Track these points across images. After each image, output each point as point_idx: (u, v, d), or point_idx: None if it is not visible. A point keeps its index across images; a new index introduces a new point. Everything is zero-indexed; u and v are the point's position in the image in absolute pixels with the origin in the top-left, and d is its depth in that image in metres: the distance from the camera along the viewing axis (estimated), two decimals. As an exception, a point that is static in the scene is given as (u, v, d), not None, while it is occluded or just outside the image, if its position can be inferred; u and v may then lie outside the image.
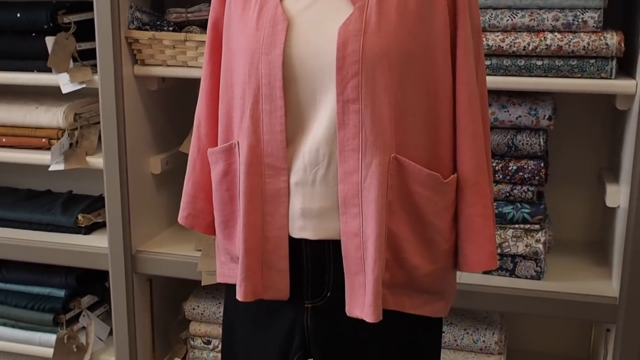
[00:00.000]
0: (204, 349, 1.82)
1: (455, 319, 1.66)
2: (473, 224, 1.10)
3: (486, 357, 1.63)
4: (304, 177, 1.07)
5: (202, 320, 1.81)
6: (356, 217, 1.05)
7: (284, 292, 1.11)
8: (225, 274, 1.22)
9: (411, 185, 1.05)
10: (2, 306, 1.93)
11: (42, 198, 2.04)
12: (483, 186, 1.09)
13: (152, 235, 1.83)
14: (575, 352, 1.90)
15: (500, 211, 1.57)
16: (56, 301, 1.90)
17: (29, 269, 1.92)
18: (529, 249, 1.56)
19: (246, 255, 1.09)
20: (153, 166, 1.80)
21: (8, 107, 1.86)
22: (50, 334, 1.90)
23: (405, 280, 1.10)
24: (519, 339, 1.92)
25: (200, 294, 1.83)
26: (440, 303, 1.16)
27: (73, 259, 1.80)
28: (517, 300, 1.53)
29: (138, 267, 1.74)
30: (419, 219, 1.07)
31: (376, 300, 1.04)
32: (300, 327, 1.14)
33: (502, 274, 1.59)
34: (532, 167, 1.55)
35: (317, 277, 1.11)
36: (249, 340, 1.21)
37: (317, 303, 1.13)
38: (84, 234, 1.87)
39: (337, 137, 1.03)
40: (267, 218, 1.09)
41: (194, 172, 1.24)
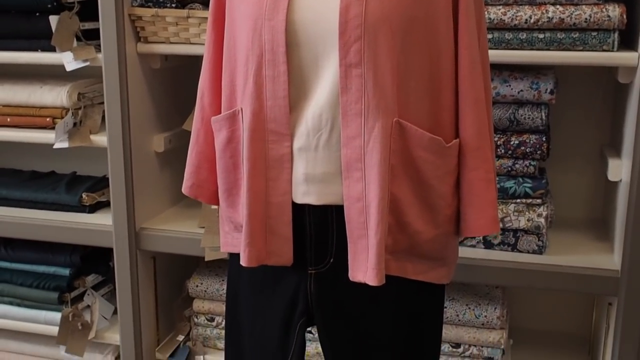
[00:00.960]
0: (208, 326, 1.83)
1: (457, 294, 1.67)
2: (475, 188, 1.10)
3: (488, 332, 1.64)
4: (307, 142, 1.08)
5: (205, 298, 1.82)
6: (359, 181, 1.06)
7: (288, 258, 1.12)
8: (229, 243, 1.23)
9: (414, 149, 1.06)
10: (7, 285, 1.94)
11: (46, 179, 2.05)
12: (485, 151, 1.10)
13: (155, 213, 1.84)
14: (577, 329, 1.91)
15: (502, 186, 1.58)
16: (61, 280, 1.91)
17: (34, 248, 1.93)
18: (531, 223, 1.57)
19: (250, 221, 1.10)
20: (156, 144, 1.81)
21: (12, 87, 1.87)
22: (55, 312, 1.91)
23: (407, 246, 1.11)
24: (521, 316, 1.93)
25: (203, 272, 1.84)
26: (442, 269, 1.17)
27: (78, 237, 1.81)
28: (519, 274, 1.53)
29: (142, 244, 1.75)
30: (421, 183, 1.08)
31: (379, 263, 1.05)
32: (304, 293, 1.15)
33: (504, 248, 1.59)
34: (534, 141, 1.55)
35: (320, 243, 1.12)
36: (253, 308, 1.22)
37: (321, 269, 1.14)
38: (88, 212, 1.88)
39: (340, 101, 1.04)
40: (270, 183, 1.10)
41: (197, 142, 1.25)
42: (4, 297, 1.96)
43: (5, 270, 1.96)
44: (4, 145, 2.21)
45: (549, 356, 1.80)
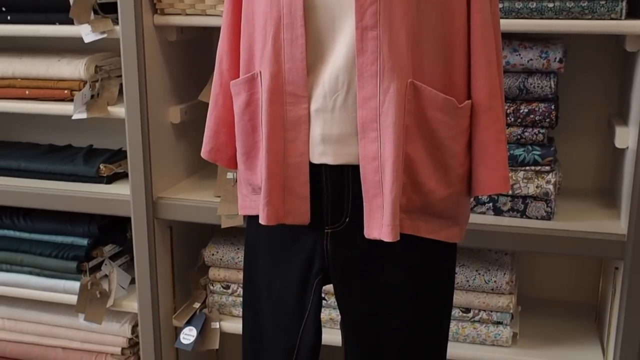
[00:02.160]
0: (223, 293, 1.87)
1: (467, 260, 1.71)
2: (487, 148, 1.14)
3: (497, 296, 1.68)
4: (324, 104, 1.11)
5: (221, 266, 1.86)
6: (374, 141, 1.09)
7: (305, 217, 1.16)
8: (247, 206, 1.28)
9: (427, 110, 1.10)
10: (27, 255, 1.99)
11: (63, 151, 2.09)
12: (497, 112, 1.14)
13: (172, 183, 1.88)
14: (585, 297, 1.94)
15: (511, 153, 1.61)
16: (79, 249, 1.95)
17: (52, 219, 1.98)
18: (540, 190, 1.60)
19: (268, 181, 1.14)
20: (172, 116, 1.85)
21: (30, 60, 1.91)
22: (74, 281, 1.96)
23: (421, 205, 1.15)
24: (529, 285, 1.96)
25: (219, 241, 1.88)
26: (454, 229, 1.21)
27: (96, 206, 1.85)
28: (528, 239, 1.57)
29: (159, 213, 1.80)
30: (434, 143, 1.12)
31: (394, 220, 1.09)
32: (320, 252, 1.19)
33: (514, 214, 1.63)
34: (542, 109, 1.59)
35: (337, 203, 1.16)
36: (271, 268, 1.26)
37: (337, 228, 1.18)
38: (106, 183, 1.92)
39: (356, 63, 1.08)
40: (288, 145, 1.14)
41: (216, 107, 1.28)
42: (24, 267, 2.00)
43: (24, 241, 2.01)
44: (21, 118, 2.26)
45: (556, 323, 1.83)
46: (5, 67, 1.91)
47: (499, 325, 1.69)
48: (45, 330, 2.09)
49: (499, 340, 1.69)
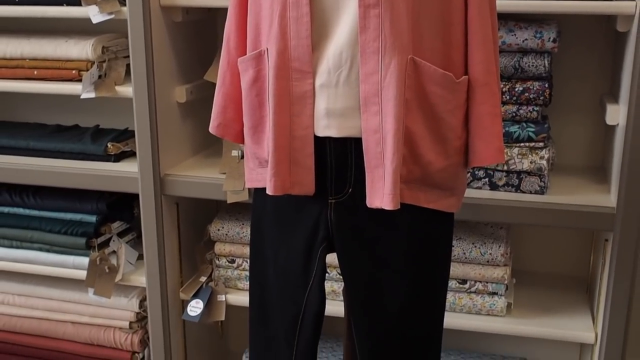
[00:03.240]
0: (229, 267, 1.94)
1: (464, 234, 1.78)
2: (482, 121, 1.20)
3: (492, 268, 1.75)
4: (328, 79, 1.17)
5: (226, 241, 1.92)
6: (376, 114, 1.15)
7: (310, 187, 1.23)
8: (254, 179, 1.33)
9: (426, 84, 1.16)
10: (37, 232, 2.05)
11: (71, 131, 2.15)
12: (492, 87, 1.20)
13: (178, 161, 1.94)
14: (576, 270, 2.02)
15: (507, 130, 1.67)
16: (88, 226, 2.01)
17: (61, 196, 2.03)
18: (534, 165, 1.67)
19: (275, 153, 1.20)
20: (178, 95, 1.90)
21: (39, 41, 1.96)
22: (83, 257, 2.01)
23: (420, 176, 1.21)
24: (523, 258, 2.04)
25: (224, 216, 1.94)
26: (452, 199, 1.27)
27: (105, 184, 1.91)
28: (522, 212, 1.64)
29: (166, 189, 1.85)
30: (433, 116, 1.18)
31: (394, 189, 1.15)
32: (324, 221, 1.25)
33: (508, 189, 1.70)
34: (537, 87, 1.65)
35: (340, 174, 1.22)
36: (277, 238, 1.32)
37: (340, 198, 1.24)
38: (114, 161, 1.98)
39: (359, 40, 1.13)
40: (294, 118, 1.20)
41: (224, 84, 1.34)
42: (34, 244, 2.06)
43: (34, 218, 2.07)
44: (29, 98, 2.31)
45: (549, 294, 1.90)
46: (14, 47, 1.96)
47: (494, 296, 1.76)
48: (55, 306, 2.15)
49: (494, 310, 1.76)
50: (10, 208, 2.08)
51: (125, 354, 2.11)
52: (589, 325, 1.75)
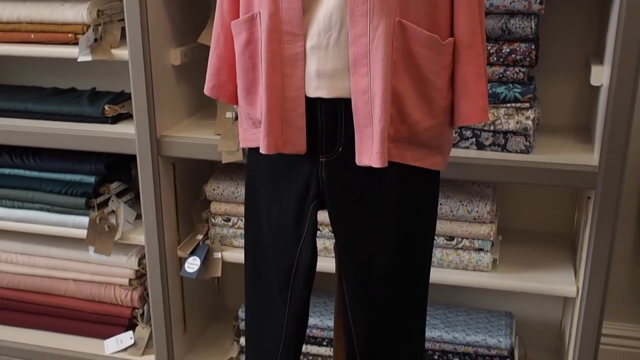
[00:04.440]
0: (224, 226, 2.00)
1: (451, 192, 1.83)
2: (467, 82, 1.25)
3: (479, 225, 1.81)
4: (319, 41, 1.22)
5: (221, 200, 1.98)
6: (365, 76, 1.20)
7: (302, 146, 1.28)
8: (248, 139, 1.38)
9: (413, 46, 1.20)
10: (38, 192, 2.10)
11: (68, 94, 2.18)
12: (477, 48, 1.24)
13: (174, 123, 1.98)
14: (561, 228, 2.08)
15: (493, 91, 1.72)
16: (87, 186, 2.06)
17: (60, 158, 2.08)
18: (520, 125, 1.72)
19: (268, 113, 1.25)
20: (173, 58, 1.94)
21: (35, 5, 1.98)
22: (83, 216, 2.07)
23: (407, 135, 1.26)
24: (509, 216, 2.10)
25: (219, 177, 1.99)
26: (438, 157, 1.33)
27: (103, 145, 1.95)
28: (508, 171, 1.69)
29: (162, 151, 1.90)
30: (419, 77, 1.22)
31: (382, 147, 1.21)
32: (316, 179, 1.31)
33: (495, 149, 1.75)
34: (523, 49, 1.69)
35: (330, 133, 1.27)
36: (270, 195, 1.37)
37: (330, 157, 1.29)
38: (111, 123, 2.02)
39: (348, 3, 1.17)
40: (285, 80, 1.24)
41: (217, 47, 1.38)
42: (35, 204, 2.11)
43: (34, 179, 2.12)
44: (25, 61, 2.34)
45: (533, 250, 1.97)
46: (10, 11, 1.99)
47: (480, 252, 1.83)
48: (56, 264, 2.21)
49: (480, 265, 1.83)
50: (11, 169, 2.13)
51: (126, 309, 2.18)
52: (571, 280, 1.82)
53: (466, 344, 1.92)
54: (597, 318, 1.73)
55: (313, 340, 2.01)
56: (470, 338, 1.91)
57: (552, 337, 2.19)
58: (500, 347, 1.90)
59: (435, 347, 1.94)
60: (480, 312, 2.04)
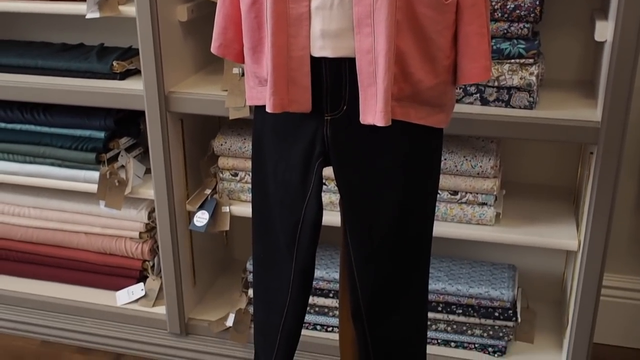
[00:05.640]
0: (232, 180, 2.03)
1: (455, 147, 1.86)
2: (470, 41, 1.26)
3: (482, 180, 1.84)
4: (323, 2, 1.23)
5: (229, 155, 2.01)
6: (369, 35, 1.22)
7: (307, 105, 1.30)
8: (254, 97, 1.41)
9: (416, 6, 1.21)
10: (48, 147, 2.13)
11: (76, 50, 2.20)
12: (480, 8, 1.25)
13: (181, 79, 2.00)
14: (564, 182, 2.11)
15: (498, 47, 1.73)
16: (97, 142, 2.10)
17: (70, 114, 2.11)
18: (523, 81, 1.73)
19: (274, 72, 1.27)
20: (180, 14, 1.94)
21: (42, -39, 1.99)
22: (93, 171, 2.11)
23: (410, 93, 1.28)
24: (513, 171, 2.13)
25: (226, 132, 2.02)
26: (441, 115, 1.35)
27: (112, 101, 1.98)
28: (511, 127, 1.71)
29: (171, 107, 1.93)
30: (423, 37, 1.24)
31: (386, 107, 1.23)
32: (321, 137, 1.33)
33: (499, 104, 1.76)
34: (528, 4, 1.69)
35: (335, 92, 1.29)
36: (276, 152, 1.41)
37: (335, 115, 1.32)
38: (119, 79, 2.04)
39: (352, -37, 1.19)
40: (291, 39, 1.26)
41: (224, 5, 1.39)
42: (46, 159, 2.15)
43: (45, 134, 2.15)
44: (35, 18, 2.35)
45: (536, 204, 2.00)
46: (18, -32, 2.00)
47: (483, 206, 1.86)
48: (68, 217, 2.26)
49: (484, 219, 1.86)
50: (22, 125, 2.16)
51: (136, 262, 2.24)
52: (573, 234, 1.85)
53: (469, 296, 1.97)
54: (598, 271, 1.77)
55: (319, 292, 2.07)
56: (474, 290, 1.96)
57: (554, 289, 2.23)
58: (503, 299, 1.95)
59: (439, 299, 1.99)
60: (484, 265, 2.09)
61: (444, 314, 2.00)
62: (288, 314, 1.49)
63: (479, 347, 2.01)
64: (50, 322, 2.30)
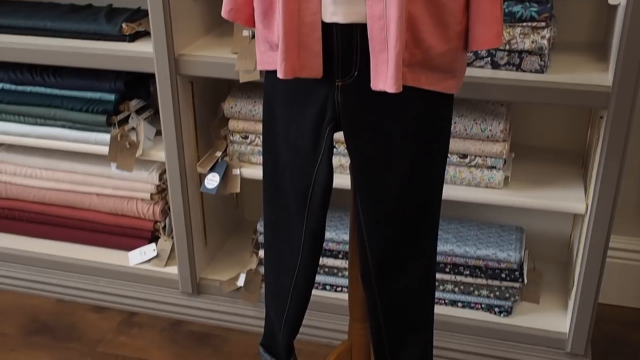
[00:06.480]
0: (242, 143, 2.04)
1: (465, 111, 1.86)
2: (482, 6, 1.26)
3: (492, 144, 1.84)
4: (335, -34, 1.22)
5: (239, 118, 2.01)
6: (380, 1, 1.21)
7: (318, 70, 1.30)
8: (265, 62, 1.41)
9: (428, -29, 1.21)
10: (59, 110, 2.14)
11: (85, 11, 2.19)
12: (492, -28, 1.25)
13: (191, 41, 2.00)
14: (574, 145, 2.11)
15: (510, 10, 1.71)
16: (107, 104, 2.10)
17: (80, 76, 2.12)
18: (535, 45, 1.72)
19: (285, 38, 1.27)
20: (189, -24, 1.94)
21: None
22: (104, 133, 2.12)
23: (422, 59, 1.28)
24: (523, 134, 2.13)
25: (236, 94, 2.03)
26: (452, 81, 1.35)
27: (122, 64, 1.98)
28: (522, 91, 1.71)
29: (181, 69, 1.93)
30: (435, 2, 1.23)
31: (397, 73, 1.23)
32: (332, 102, 1.34)
33: (510, 68, 1.76)
34: (541, -33, 1.68)
35: (346, 58, 1.29)
36: (287, 117, 1.41)
37: (346, 81, 1.32)
38: (129, 41, 2.04)
39: None
40: (302, 5, 1.26)
41: (234, -31, 1.39)
42: (57, 121, 2.16)
43: (55, 97, 2.16)
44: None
45: (545, 168, 2.01)
46: None
47: (492, 170, 1.87)
48: (79, 179, 2.28)
49: (492, 182, 1.88)
50: (32, 87, 2.17)
51: (148, 223, 2.27)
52: (581, 197, 1.86)
53: (477, 257, 1.99)
54: (605, 234, 1.79)
55: (329, 253, 2.09)
56: (481, 252, 1.98)
57: (561, 250, 2.26)
58: (510, 261, 1.97)
59: (447, 261, 2.02)
60: (492, 227, 2.10)
61: (451, 275, 2.03)
62: (299, 275, 1.52)
63: (486, 307, 2.04)
64: (65, 281, 2.34)
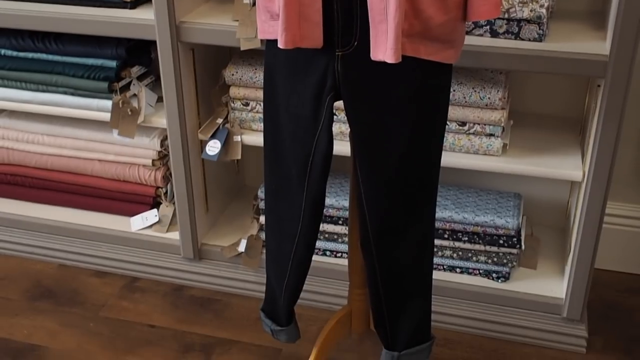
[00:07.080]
0: (243, 110, 2.06)
1: (464, 79, 1.87)
2: (481, -23, 1.27)
3: (491, 111, 1.86)
4: (335, -63, 1.23)
5: (240, 85, 2.03)
6: (380, -28, 1.22)
7: (318, 40, 1.32)
8: (266, 31, 1.42)
9: (428, -59, 1.21)
10: (61, 76, 2.15)
11: (86, -23, 2.19)
12: (491, -56, 1.25)
13: (192, 8, 2.00)
14: (571, 113, 2.13)
15: (509, -22, 1.72)
16: (109, 71, 2.11)
17: (81, 43, 2.12)
18: (533, 13, 1.73)
19: (285, 9, 1.28)
20: (189, -58, 1.94)
21: None
22: (106, 100, 2.13)
23: (421, 30, 1.29)
24: (521, 101, 2.14)
25: (237, 62, 2.04)
26: (451, 51, 1.36)
27: (123, 30, 1.98)
28: (520, 59, 1.72)
29: (182, 36, 1.94)
30: (434, -27, 1.25)
31: (396, 43, 1.25)
32: (332, 72, 1.36)
33: (508, 37, 1.77)
34: None
35: (346, 28, 1.31)
36: (288, 86, 1.43)
37: (346, 51, 1.33)
38: (130, 8, 2.04)
39: None
40: (303, -25, 1.27)
41: (236, -62, 1.39)
42: (59, 88, 2.17)
43: (57, 63, 2.16)
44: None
45: (543, 135, 2.03)
46: None
47: (491, 137, 1.89)
48: (82, 145, 2.30)
49: (491, 150, 1.90)
50: (34, 54, 2.17)
51: (150, 188, 2.30)
52: (578, 165, 1.89)
53: (475, 224, 2.02)
54: (601, 201, 1.82)
55: (329, 219, 2.13)
56: (479, 218, 2.01)
57: (558, 216, 2.29)
58: (508, 227, 2.00)
59: (446, 227, 2.05)
60: (490, 194, 2.13)
61: (450, 241, 2.06)
62: (299, 242, 1.55)
63: (484, 273, 2.08)
64: (67, 246, 2.38)
